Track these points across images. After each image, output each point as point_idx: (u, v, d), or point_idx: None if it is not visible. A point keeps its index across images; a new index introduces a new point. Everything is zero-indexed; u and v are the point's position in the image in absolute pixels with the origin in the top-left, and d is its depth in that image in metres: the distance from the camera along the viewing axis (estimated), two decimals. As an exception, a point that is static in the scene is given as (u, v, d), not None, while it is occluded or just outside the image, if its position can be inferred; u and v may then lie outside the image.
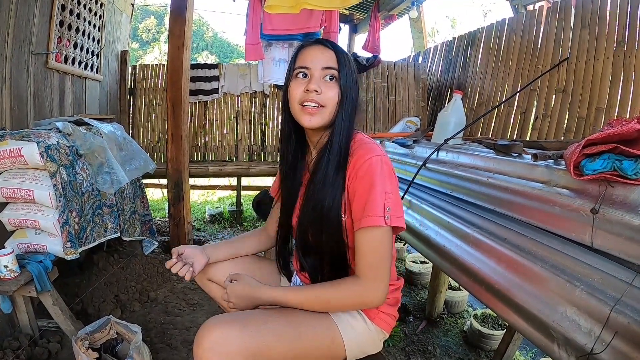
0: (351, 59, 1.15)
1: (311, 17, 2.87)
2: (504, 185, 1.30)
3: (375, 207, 1.00)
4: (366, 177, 1.02)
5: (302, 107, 1.10)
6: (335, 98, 1.09)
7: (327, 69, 1.09)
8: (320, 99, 1.08)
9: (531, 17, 2.69)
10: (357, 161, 1.05)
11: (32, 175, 1.99)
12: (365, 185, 1.02)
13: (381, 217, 0.99)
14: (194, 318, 2.34)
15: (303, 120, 1.11)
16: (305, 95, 1.09)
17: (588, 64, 2.20)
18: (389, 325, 1.19)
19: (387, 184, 1.01)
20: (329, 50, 1.12)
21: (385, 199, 1.00)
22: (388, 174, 1.03)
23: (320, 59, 1.10)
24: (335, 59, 1.10)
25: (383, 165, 1.03)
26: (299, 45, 1.17)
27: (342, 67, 1.10)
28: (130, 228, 2.72)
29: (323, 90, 1.08)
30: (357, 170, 1.04)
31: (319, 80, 1.09)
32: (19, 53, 2.22)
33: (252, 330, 0.99)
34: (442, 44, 3.91)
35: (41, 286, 1.85)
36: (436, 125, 2.34)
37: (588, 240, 0.96)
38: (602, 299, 0.86)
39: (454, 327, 2.41)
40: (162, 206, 5.41)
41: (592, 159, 0.95)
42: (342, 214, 1.09)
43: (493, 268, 1.20)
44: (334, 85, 1.09)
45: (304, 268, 1.24)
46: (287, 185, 1.27)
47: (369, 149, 1.05)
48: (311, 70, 1.09)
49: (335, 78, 1.09)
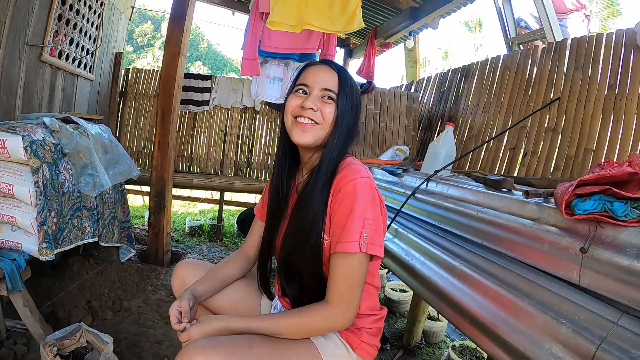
0: (355, 85, 1.15)
1: (310, 38, 2.91)
2: (494, 220, 1.31)
3: (352, 232, 0.98)
4: (346, 199, 1.01)
5: (295, 121, 1.10)
6: (331, 117, 1.09)
7: (326, 90, 1.10)
8: (316, 116, 1.08)
9: (526, 55, 2.77)
10: (341, 181, 1.04)
11: (13, 169, 1.93)
12: (345, 208, 1.01)
13: (356, 244, 0.97)
14: (166, 332, 2.26)
15: (294, 135, 1.11)
16: (300, 110, 1.09)
17: (579, 105, 2.26)
18: (370, 355, 1.17)
19: (368, 210, 1.00)
20: (333, 72, 1.13)
21: (364, 225, 0.98)
22: (371, 199, 1.01)
23: (322, 79, 1.11)
24: (338, 82, 1.11)
25: (366, 189, 1.01)
26: (305, 64, 1.18)
27: (342, 91, 1.10)
28: (109, 233, 2.65)
29: (319, 108, 1.08)
30: (339, 190, 1.03)
31: (316, 98, 1.09)
32: (13, 42, 2.19)
33: (235, 356, 0.96)
34: (435, 75, 4.00)
35: (12, 285, 1.77)
36: (426, 155, 2.37)
37: (575, 279, 0.96)
38: (589, 337, 0.86)
39: (432, 358, 2.39)
40: (142, 214, 5.30)
41: (584, 199, 0.96)
42: (324, 236, 1.07)
43: (478, 301, 1.19)
44: (331, 105, 1.09)
45: (286, 294, 1.21)
46: (273, 205, 1.25)
47: (354, 170, 1.04)
48: (310, 88, 1.11)
49: (333, 100, 1.10)
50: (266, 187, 1.37)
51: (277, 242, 1.23)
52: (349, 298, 1.01)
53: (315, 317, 1.03)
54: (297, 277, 1.15)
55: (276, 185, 1.23)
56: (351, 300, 1.01)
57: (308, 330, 1.07)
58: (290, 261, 1.15)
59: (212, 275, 1.29)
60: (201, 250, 4.17)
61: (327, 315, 1.02)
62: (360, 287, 1.02)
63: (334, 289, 1.01)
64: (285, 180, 1.23)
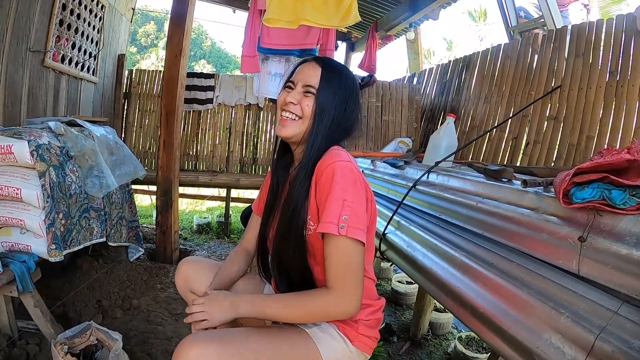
0: (346, 79, 1.17)
1: (309, 34, 2.91)
2: (493, 210, 1.31)
3: (330, 214, 0.98)
4: (327, 182, 1.02)
5: (280, 116, 1.16)
6: (309, 110, 1.11)
7: (306, 86, 1.13)
8: (296, 109, 1.13)
9: (526, 43, 2.74)
10: (320, 167, 1.05)
11: (20, 173, 1.97)
12: (325, 190, 1.01)
13: (334, 225, 0.97)
14: (176, 328, 2.30)
15: (278, 129, 1.15)
16: (284, 105, 1.15)
17: (580, 92, 2.24)
18: (369, 347, 1.17)
19: (347, 192, 0.99)
20: (317, 67, 1.15)
21: (343, 207, 0.98)
22: (352, 182, 1.01)
23: (306, 75, 1.15)
24: (320, 76, 1.13)
25: (345, 172, 1.01)
26: (298, 62, 1.21)
27: (324, 83, 1.12)
28: (117, 233, 2.69)
29: (299, 101, 1.13)
30: (320, 176, 1.04)
31: (297, 93, 1.14)
32: (16, 49, 2.21)
33: (231, 349, 0.98)
34: (437, 67, 3.98)
35: (23, 287, 1.81)
36: (428, 147, 2.36)
37: (575, 268, 0.96)
38: (587, 327, 0.86)
39: (438, 349, 2.40)
40: (150, 213, 5.35)
41: (582, 188, 0.95)
42: (307, 227, 1.09)
43: (478, 292, 1.20)
44: (309, 98, 1.12)
45: (279, 288, 1.24)
46: (269, 199, 1.28)
47: (333, 155, 1.06)
48: (295, 84, 1.15)
49: (312, 93, 1.12)
50: (263, 183, 1.40)
51: (270, 233, 1.25)
52: (345, 284, 1.00)
53: (314, 304, 1.04)
54: (286, 268, 1.17)
55: (272, 179, 1.28)
56: (348, 287, 1.00)
57: (307, 318, 1.07)
58: (279, 252, 1.18)
59: (222, 279, 1.30)
60: (209, 248, 4.21)
61: (324, 302, 1.02)
62: (356, 273, 1.01)
63: (328, 275, 1.02)
64: (281, 174, 1.27)
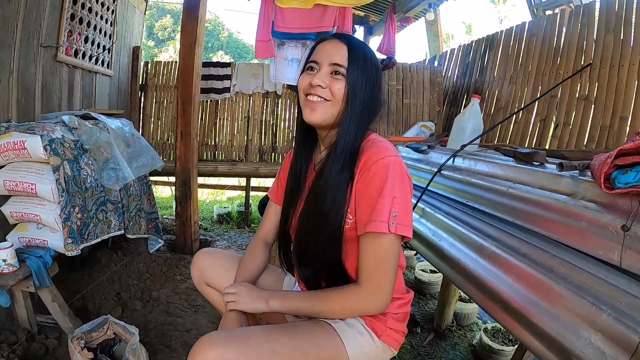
0: (371, 57, 1.09)
1: (325, 16, 2.81)
2: (525, 196, 1.22)
3: (382, 212, 0.94)
4: (375, 178, 0.97)
5: (306, 99, 1.07)
6: (341, 93, 1.04)
7: (334, 65, 1.05)
8: (325, 93, 1.04)
9: (552, 21, 2.59)
10: (367, 161, 0.99)
11: (35, 168, 1.96)
12: (374, 188, 0.97)
13: (385, 224, 0.94)
14: (195, 320, 2.28)
15: (305, 113, 1.08)
16: (310, 88, 1.06)
17: (612, 71, 2.10)
18: (397, 342, 1.12)
19: (396, 188, 0.95)
20: (342, 45, 1.07)
21: (393, 204, 0.94)
22: (399, 178, 0.97)
23: (331, 54, 1.06)
24: (347, 55, 1.05)
25: (395, 167, 0.97)
26: (317, 40, 1.13)
27: (352, 64, 1.04)
28: (135, 225, 2.69)
29: (328, 84, 1.04)
30: (367, 170, 0.99)
31: (325, 75, 1.05)
32: (27, 45, 2.20)
33: (250, 349, 0.94)
34: (459, 47, 3.82)
35: (40, 282, 1.81)
36: (452, 130, 2.26)
37: (616, 260, 0.88)
38: (631, 326, 0.78)
39: (463, 341, 2.32)
40: (171, 204, 5.39)
41: (625, 171, 0.87)
42: (345, 220, 1.03)
43: (510, 285, 1.11)
44: (340, 80, 1.04)
45: (301, 277, 1.19)
46: (292, 183, 1.22)
47: (381, 149, 1.00)
48: (319, 65, 1.06)
49: (342, 74, 1.04)
50: (280, 169, 1.35)
51: (293, 221, 1.20)
52: (379, 281, 0.98)
53: (345, 301, 1.03)
54: (312, 258, 1.12)
55: (294, 164, 1.21)
56: (382, 283, 0.98)
57: (339, 313, 1.06)
58: (306, 242, 1.13)
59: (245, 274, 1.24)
60: (230, 237, 4.20)
61: (356, 297, 1.01)
62: (392, 270, 0.99)
63: (366, 271, 0.99)
64: (304, 158, 1.20)
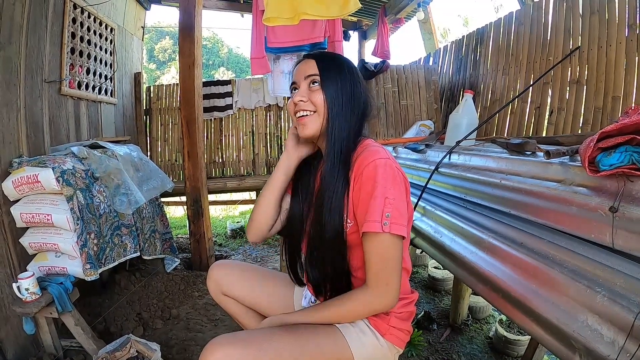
0: (344, 65, 1.15)
1: (315, 28, 2.86)
2: (518, 187, 1.25)
3: (374, 213, 0.98)
4: (368, 182, 1.01)
5: (297, 119, 1.14)
6: (321, 101, 1.10)
7: (308, 77, 1.12)
8: (308, 106, 1.12)
9: (538, 7, 2.60)
10: (360, 166, 1.04)
11: (49, 199, 2.04)
12: (367, 191, 1.01)
13: (378, 224, 0.98)
14: (215, 333, 2.33)
15: (299, 131, 1.15)
16: (295, 107, 1.13)
17: (600, 52, 2.10)
18: (402, 340, 1.15)
19: (388, 189, 0.99)
20: (311, 59, 1.15)
21: (385, 205, 0.98)
22: (391, 178, 1.01)
23: (302, 70, 1.14)
24: (316, 65, 1.12)
25: (386, 169, 1.01)
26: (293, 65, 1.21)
27: (324, 71, 1.12)
28: (151, 247, 2.75)
29: (309, 97, 1.11)
30: (360, 175, 1.03)
31: (304, 90, 1.13)
32: (32, 82, 2.28)
33: (254, 349, 0.99)
34: (451, 44, 3.84)
35: (62, 307, 1.88)
36: (448, 127, 2.29)
37: (608, 241, 0.90)
38: (626, 306, 0.80)
39: (479, 334, 2.33)
40: (184, 223, 5.46)
41: (608, 153, 0.89)
42: (344, 223, 1.08)
43: (509, 275, 1.14)
44: (317, 90, 1.11)
45: (309, 279, 1.23)
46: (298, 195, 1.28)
47: (372, 152, 1.04)
48: (298, 83, 1.15)
49: (318, 83, 1.11)
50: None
51: (306, 227, 1.24)
52: (386, 279, 1.01)
53: (355, 303, 1.05)
54: (320, 263, 1.16)
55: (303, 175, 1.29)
56: (389, 282, 1.01)
57: (351, 317, 1.10)
58: (313, 247, 1.18)
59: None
60: (244, 251, 4.25)
61: (366, 299, 1.04)
62: (396, 268, 1.02)
63: (369, 271, 1.02)
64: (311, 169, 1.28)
